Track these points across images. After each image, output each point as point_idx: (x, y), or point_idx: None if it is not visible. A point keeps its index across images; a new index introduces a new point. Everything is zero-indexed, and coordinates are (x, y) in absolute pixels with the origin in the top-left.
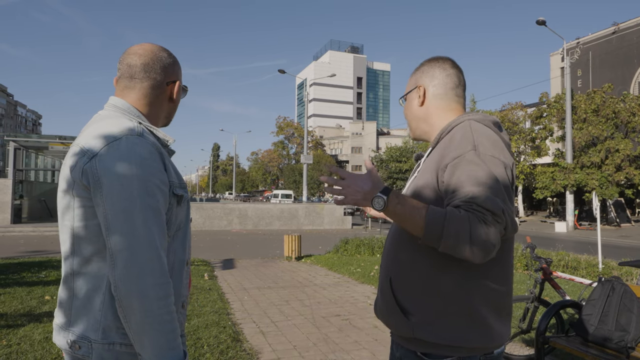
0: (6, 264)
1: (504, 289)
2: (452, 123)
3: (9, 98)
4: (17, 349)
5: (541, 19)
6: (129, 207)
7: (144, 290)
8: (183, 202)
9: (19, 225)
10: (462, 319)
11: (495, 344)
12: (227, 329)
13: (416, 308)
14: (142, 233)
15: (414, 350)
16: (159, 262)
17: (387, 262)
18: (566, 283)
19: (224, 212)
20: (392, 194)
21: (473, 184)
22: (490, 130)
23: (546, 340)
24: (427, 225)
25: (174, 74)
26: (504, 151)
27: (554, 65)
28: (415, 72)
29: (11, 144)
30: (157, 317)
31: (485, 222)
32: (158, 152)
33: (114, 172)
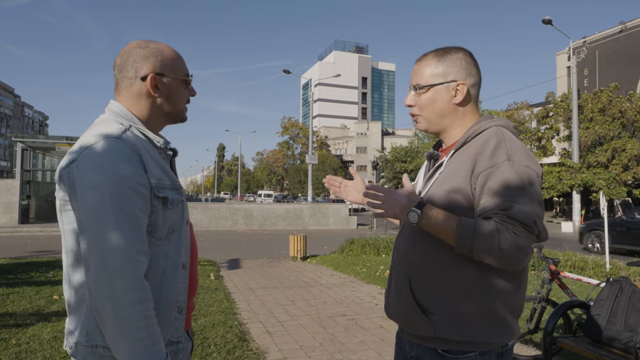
0: (14, 263)
1: (520, 287)
2: (479, 128)
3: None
4: (26, 347)
5: (547, 18)
6: (101, 211)
7: (116, 296)
8: (173, 204)
9: (26, 226)
10: (482, 316)
11: (511, 339)
12: (234, 328)
13: (437, 307)
14: (114, 237)
15: (434, 348)
16: (131, 266)
17: (404, 262)
18: (573, 283)
19: (230, 212)
20: (426, 207)
21: (506, 195)
22: (519, 139)
23: (554, 340)
24: (458, 239)
25: (146, 68)
26: (535, 160)
27: (560, 64)
28: (444, 61)
29: (18, 144)
30: (130, 322)
31: (515, 233)
32: (137, 154)
33: (86, 176)
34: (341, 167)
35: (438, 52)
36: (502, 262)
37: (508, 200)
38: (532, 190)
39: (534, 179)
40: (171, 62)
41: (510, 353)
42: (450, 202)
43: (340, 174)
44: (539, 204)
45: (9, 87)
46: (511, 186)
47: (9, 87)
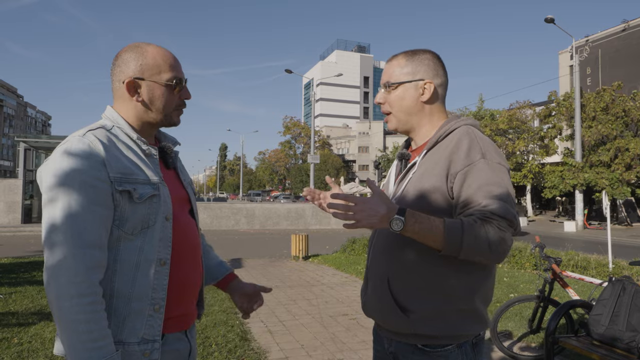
0: (17, 263)
1: (490, 277)
2: (449, 127)
3: (19, 99)
4: (28, 347)
5: (550, 17)
6: (52, 204)
7: (58, 288)
8: (141, 199)
9: (29, 225)
10: (461, 312)
11: (484, 328)
12: (235, 328)
13: (417, 306)
14: (62, 230)
15: (413, 344)
16: (73, 260)
17: (381, 263)
18: (576, 283)
19: (232, 212)
20: (408, 213)
21: (486, 193)
22: (488, 138)
23: (556, 340)
24: (446, 240)
25: (127, 71)
26: (503, 157)
27: (562, 63)
28: (412, 60)
29: (21, 144)
30: (70, 316)
31: (500, 228)
32: (95, 150)
33: (46, 172)
34: (343, 166)
35: (407, 53)
36: (491, 258)
37: (488, 197)
38: (507, 186)
39: (507, 176)
40: (153, 67)
41: (483, 342)
42: (426, 201)
43: (342, 174)
44: (513, 199)
45: (12, 87)
46: (489, 183)
47: (12, 87)
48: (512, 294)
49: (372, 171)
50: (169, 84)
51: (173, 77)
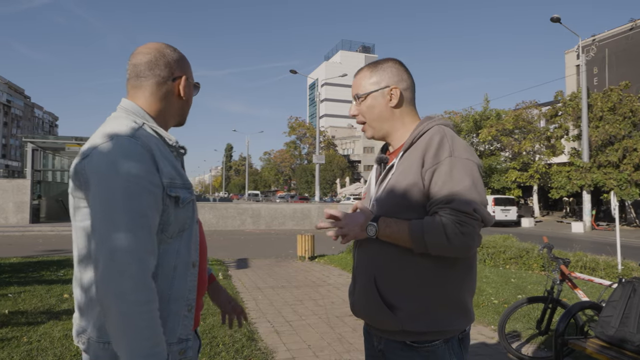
0: (26, 262)
1: (472, 271)
2: (423, 128)
3: (27, 100)
4: (37, 345)
5: (556, 16)
6: (111, 210)
7: (121, 294)
8: (184, 203)
9: (37, 225)
10: (448, 307)
11: (468, 324)
12: (242, 328)
13: (403, 303)
14: (123, 236)
15: (402, 341)
16: (138, 265)
17: (367, 264)
18: (585, 284)
19: (237, 212)
20: (381, 220)
21: (449, 189)
22: (458, 136)
23: (565, 342)
24: (412, 241)
25: (179, 70)
26: (474, 153)
27: (569, 63)
28: (376, 70)
29: (29, 145)
30: (133, 321)
31: (459, 223)
32: (149, 153)
33: (99, 174)
34: (348, 166)
35: (371, 65)
36: (455, 252)
37: (450, 194)
38: (473, 181)
39: (475, 170)
40: (190, 68)
41: (468, 338)
42: (405, 199)
43: (347, 174)
44: (479, 192)
45: (20, 88)
46: (453, 180)
47: (19, 88)
48: (520, 295)
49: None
50: (196, 85)
51: (197, 83)
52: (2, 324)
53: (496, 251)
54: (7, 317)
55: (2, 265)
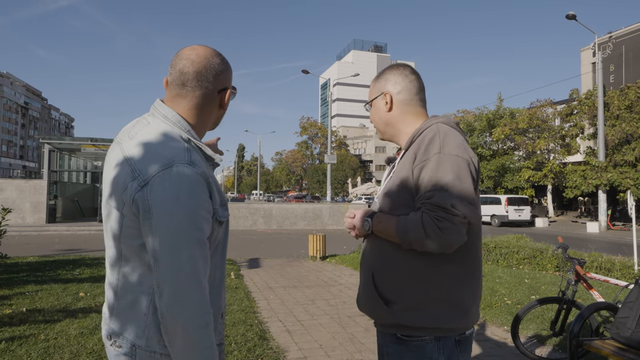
0: (42, 261)
1: (473, 273)
2: (422, 127)
3: (44, 102)
4: (54, 343)
5: (571, 13)
6: (176, 241)
7: (188, 320)
8: (222, 223)
9: (53, 225)
10: (440, 303)
11: (468, 325)
12: (254, 327)
13: (398, 297)
14: (188, 267)
15: (394, 333)
16: (201, 293)
17: (369, 259)
18: (600, 285)
19: (249, 212)
20: (375, 216)
21: (431, 184)
22: (455, 131)
23: (580, 343)
24: (398, 237)
25: (225, 81)
26: (467, 149)
27: (584, 60)
28: (378, 80)
29: (46, 146)
30: (199, 344)
31: (437, 218)
32: (205, 180)
33: (163, 205)
34: (360, 166)
35: (377, 74)
36: (436, 246)
37: (432, 189)
38: (456, 176)
39: (462, 166)
40: (231, 77)
41: (468, 342)
42: (399, 195)
43: (359, 174)
44: (462, 188)
45: (37, 91)
46: (437, 176)
47: (36, 91)
48: (534, 296)
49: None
50: (234, 90)
51: (234, 88)
52: (20, 322)
53: (509, 251)
54: (25, 315)
55: (20, 264)
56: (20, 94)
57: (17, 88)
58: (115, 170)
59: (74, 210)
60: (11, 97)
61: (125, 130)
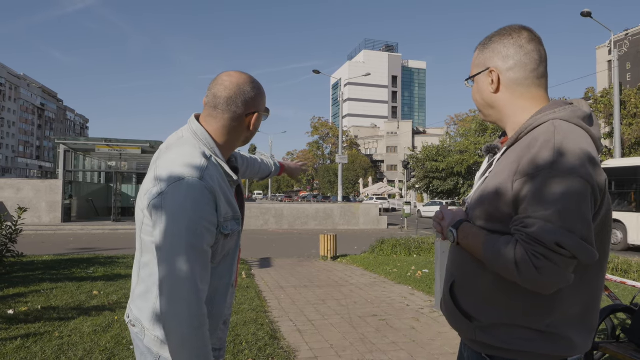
0: (57, 260)
1: (580, 296)
2: (534, 122)
3: (59, 103)
4: (68, 340)
5: (586, 11)
6: (176, 247)
7: (182, 320)
8: (232, 235)
9: (68, 224)
10: (527, 329)
11: (567, 354)
12: (265, 326)
13: (478, 313)
14: (185, 270)
15: (479, 352)
16: (196, 295)
17: (452, 268)
18: (616, 286)
19: (260, 212)
20: (461, 228)
21: (534, 209)
22: (576, 135)
23: (596, 346)
24: (485, 260)
25: (254, 107)
26: (590, 163)
27: (600, 58)
28: (483, 49)
29: (61, 146)
30: (192, 343)
31: (534, 254)
32: (212, 194)
33: (170, 211)
34: (371, 166)
35: (482, 42)
36: (530, 286)
37: (534, 217)
38: (567, 205)
39: (577, 190)
40: (264, 99)
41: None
42: (493, 205)
43: (370, 174)
44: (573, 221)
45: (53, 92)
46: (542, 200)
47: (52, 92)
48: None
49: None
50: (265, 115)
51: (267, 110)
52: (36, 319)
53: None
54: (40, 312)
55: (36, 262)
56: (36, 95)
57: (34, 90)
58: (148, 173)
59: (88, 210)
60: (28, 99)
61: (168, 139)
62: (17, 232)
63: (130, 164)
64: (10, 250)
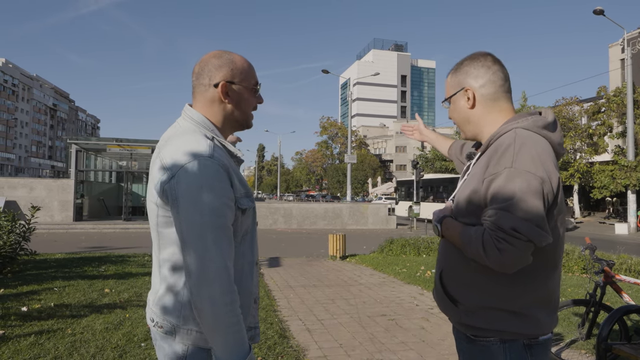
0: (69, 258)
1: (544, 281)
2: (500, 131)
3: (71, 104)
4: (80, 337)
5: (599, 8)
6: (201, 227)
7: (214, 298)
8: (249, 211)
9: (80, 223)
10: (503, 311)
11: (537, 332)
12: (274, 325)
13: (463, 298)
14: (212, 249)
15: (464, 333)
16: (226, 273)
17: (441, 259)
18: (630, 287)
19: (269, 212)
20: (444, 222)
21: (497, 202)
22: (533, 140)
23: (609, 347)
24: (462, 247)
25: (220, 75)
26: (543, 164)
27: (613, 57)
28: (456, 73)
29: (73, 146)
30: (225, 319)
31: (497, 239)
32: (225, 171)
33: (188, 194)
34: (380, 166)
35: (455, 66)
36: (494, 266)
37: (497, 208)
38: (523, 196)
39: (533, 184)
40: (242, 72)
41: (542, 347)
42: (469, 203)
43: (379, 174)
44: (528, 209)
45: (65, 93)
46: (503, 193)
47: (64, 93)
48: (560, 298)
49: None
50: (253, 88)
51: (255, 82)
52: (49, 316)
53: None
54: (52, 309)
55: (48, 260)
56: (49, 96)
57: (46, 90)
58: (152, 169)
59: (99, 209)
60: (40, 99)
61: (164, 134)
62: (30, 230)
63: (141, 163)
64: (23, 248)
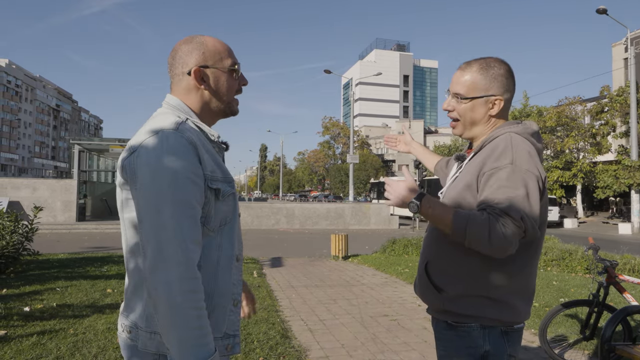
0: (72, 258)
1: (525, 273)
2: (495, 134)
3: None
4: (82, 337)
5: (602, 8)
6: (159, 200)
7: (169, 283)
8: (225, 197)
9: (83, 223)
10: (483, 297)
11: (515, 319)
12: (276, 325)
13: (447, 285)
14: (170, 226)
15: (445, 320)
16: (185, 255)
17: (425, 248)
18: (633, 287)
19: (272, 212)
20: (425, 199)
21: (501, 193)
22: (528, 144)
23: (612, 348)
24: (453, 227)
25: (191, 62)
26: (537, 164)
27: (616, 56)
28: (487, 75)
29: (76, 147)
30: (182, 310)
31: (503, 224)
32: (192, 146)
33: (146, 166)
34: (382, 166)
35: (482, 65)
36: (490, 250)
37: (504, 198)
38: (528, 192)
39: (533, 182)
40: (215, 54)
41: (517, 335)
42: (460, 197)
43: (381, 174)
44: (531, 205)
45: (68, 93)
46: (507, 186)
47: (67, 93)
48: (563, 299)
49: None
50: (231, 69)
51: (233, 62)
52: (51, 316)
53: None
54: (55, 309)
55: (51, 260)
56: (52, 96)
57: (49, 91)
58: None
59: (102, 209)
60: (44, 100)
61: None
62: (33, 230)
63: None
64: (26, 248)
